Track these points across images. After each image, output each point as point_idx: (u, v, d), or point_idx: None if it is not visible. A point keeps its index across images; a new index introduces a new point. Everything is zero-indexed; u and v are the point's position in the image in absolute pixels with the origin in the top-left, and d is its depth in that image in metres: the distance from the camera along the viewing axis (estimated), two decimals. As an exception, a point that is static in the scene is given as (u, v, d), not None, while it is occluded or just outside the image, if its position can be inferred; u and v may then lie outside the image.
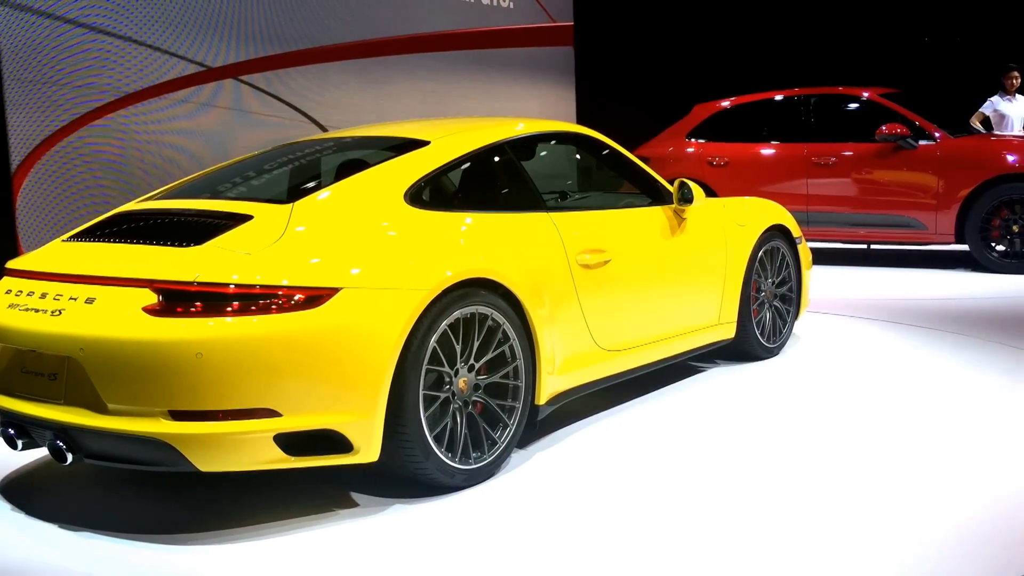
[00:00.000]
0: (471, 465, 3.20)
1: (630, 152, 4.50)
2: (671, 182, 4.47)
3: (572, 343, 3.66)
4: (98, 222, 3.50)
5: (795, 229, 5.20)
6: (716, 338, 4.62)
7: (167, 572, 2.67)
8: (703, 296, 4.50)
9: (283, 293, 2.80)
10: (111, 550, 2.80)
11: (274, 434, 2.77)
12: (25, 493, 3.34)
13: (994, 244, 7.77)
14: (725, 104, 9.22)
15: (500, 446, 3.32)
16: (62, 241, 3.42)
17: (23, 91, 6.50)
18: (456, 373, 3.18)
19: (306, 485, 3.25)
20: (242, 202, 3.31)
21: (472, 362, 3.24)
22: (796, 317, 5.22)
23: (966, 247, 7.96)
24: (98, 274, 2.96)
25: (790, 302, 5.15)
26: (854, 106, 8.62)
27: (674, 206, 4.38)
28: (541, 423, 3.63)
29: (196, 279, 2.78)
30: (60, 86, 6.70)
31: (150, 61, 7.24)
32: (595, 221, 4.00)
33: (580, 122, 7.35)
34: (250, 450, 2.77)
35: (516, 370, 3.37)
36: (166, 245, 3.01)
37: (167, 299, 2.77)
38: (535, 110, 10.61)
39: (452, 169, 3.69)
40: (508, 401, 3.37)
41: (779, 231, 5.04)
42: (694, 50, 13.09)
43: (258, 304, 2.76)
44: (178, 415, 2.72)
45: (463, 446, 3.18)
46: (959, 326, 5.63)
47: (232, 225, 3.05)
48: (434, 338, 3.05)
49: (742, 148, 8.93)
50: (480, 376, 3.28)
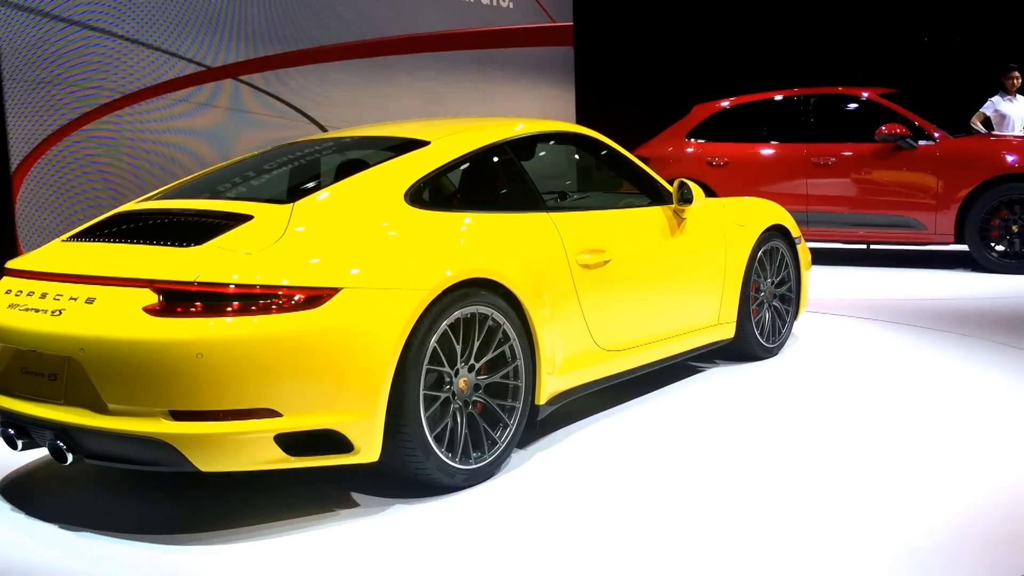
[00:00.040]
0: (471, 465, 3.20)
1: (630, 152, 4.50)
2: (671, 182, 4.47)
3: (572, 343, 3.66)
4: (98, 222, 3.50)
5: (794, 229, 5.20)
6: (715, 338, 4.63)
7: (167, 572, 2.67)
8: (702, 296, 4.51)
9: (283, 293, 2.80)
10: (111, 550, 2.80)
11: (274, 434, 2.77)
12: (25, 493, 3.34)
13: (993, 244, 7.77)
14: (725, 104, 9.22)
15: (500, 446, 3.32)
16: (62, 241, 3.42)
17: (23, 91, 6.49)
18: (456, 373, 3.18)
19: (307, 485, 3.25)
20: (242, 202, 3.31)
21: (472, 362, 3.24)
22: (795, 317, 5.22)
23: (965, 247, 7.97)
24: (98, 274, 2.95)
25: (789, 302, 5.15)
26: (854, 106, 8.63)
27: (674, 206, 4.39)
28: (541, 423, 3.63)
29: (196, 279, 2.78)
30: (60, 86, 6.69)
31: (150, 61, 7.24)
32: (595, 221, 4.00)
33: (580, 122, 7.35)
34: (250, 450, 2.77)
35: (516, 370, 3.37)
36: (166, 245, 3.01)
37: (167, 299, 2.77)
38: (535, 110, 10.61)
39: (452, 169, 3.69)
40: (508, 401, 3.37)
41: (778, 231, 5.04)
42: (694, 50, 13.09)
43: (258, 304, 2.77)
44: (178, 415, 2.72)
45: (463, 446, 3.18)
46: (958, 326, 5.64)
47: (232, 225, 3.05)
48: (434, 338, 3.05)
49: (742, 148, 8.93)
50: (480, 376, 3.28)
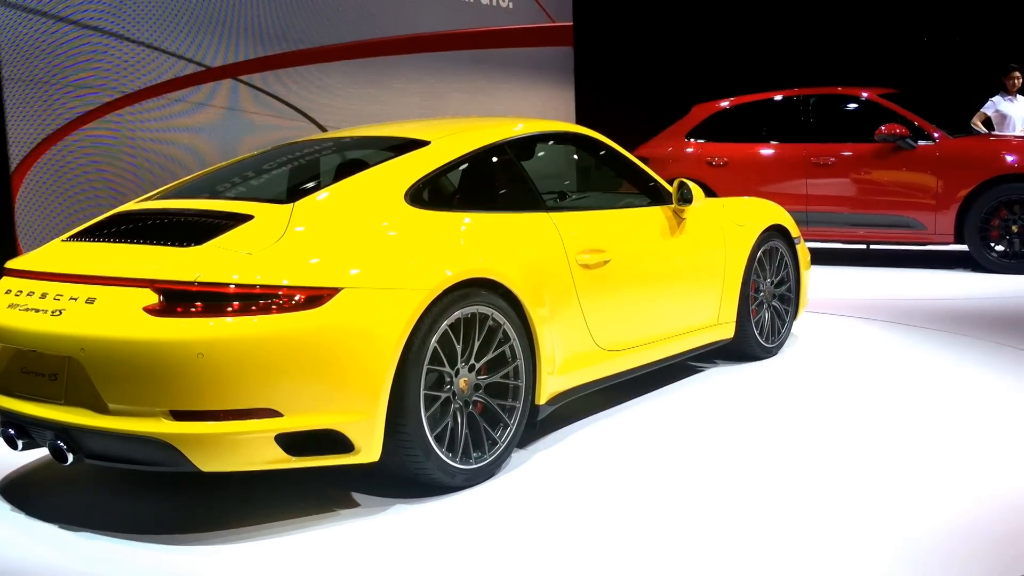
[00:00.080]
0: (472, 465, 3.20)
1: (629, 152, 4.51)
2: (670, 182, 4.47)
3: (572, 343, 3.66)
4: (98, 222, 3.49)
5: (794, 229, 5.21)
6: (715, 338, 4.63)
7: (167, 572, 2.67)
8: (702, 296, 4.51)
9: (284, 293, 2.80)
10: (111, 550, 2.80)
11: (275, 434, 2.77)
12: (25, 493, 3.34)
13: (993, 244, 7.77)
14: (724, 104, 9.22)
15: (500, 446, 3.32)
16: (62, 241, 3.42)
17: (22, 91, 6.49)
18: (457, 373, 3.18)
19: (307, 485, 3.25)
20: (242, 202, 3.31)
21: (473, 362, 3.24)
22: (795, 317, 5.22)
23: (965, 247, 7.97)
24: (98, 274, 2.95)
25: (789, 302, 5.15)
26: (853, 106, 8.63)
27: (673, 206, 4.39)
28: (541, 423, 3.63)
29: (197, 279, 2.77)
30: (59, 86, 6.69)
31: (150, 61, 7.24)
32: (595, 221, 4.00)
33: (579, 122, 7.36)
34: (251, 450, 2.77)
35: (516, 370, 3.37)
36: (166, 245, 3.01)
37: (168, 299, 2.77)
38: (534, 110, 10.61)
39: (452, 169, 3.69)
40: (508, 401, 3.37)
41: (778, 231, 5.04)
42: (693, 50, 13.09)
43: (259, 304, 2.76)
44: (179, 415, 2.72)
45: (464, 446, 3.18)
46: (958, 326, 5.64)
47: (232, 225, 3.05)
48: (435, 338, 3.05)
49: (741, 148, 8.93)
50: (480, 376, 3.28)
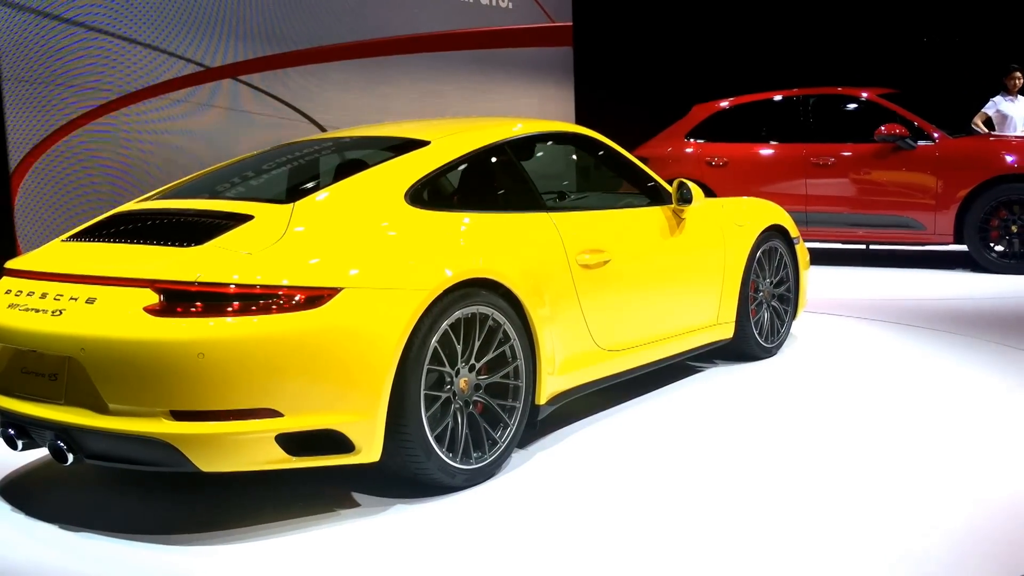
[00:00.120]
0: (472, 465, 3.20)
1: (629, 152, 4.51)
2: (670, 182, 4.47)
3: (572, 343, 3.66)
4: (98, 222, 3.49)
5: (793, 229, 5.21)
6: (715, 338, 4.63)
7: (167, 572, 2.67)
8: (702, 296, 4.51)
9: (284, 293, 2.79)
10: (111, 550, 2.80)
11: (276, 434, 2.77)
12: (25, 493, 3.34)
13: (993, 244, 7.78)
14: (724, 104, 9.23)
15: (501, 446, 3.32)
16: (61, 241, 3.42)
17: (22, 90, 6.49)
18: (457, 373, 3.18)
19: (307, 485, 3.25)
20: (243, 202, 3.30)
21: (473, 362, 3.24)
22: (794, 317, 5.22)
23: (965, 247, 7.98)
24: (99, 274, 2.95)
25: (788, 302, 5.15)
26: (853, 106, 8.63)
27: (673, 206, 4.39)
28: (541, 423, 3.63)
29: (197, 279, 2.77)
30: (59, 86, 6.69)
31: (149, 61, 7.24)
32: (595, 221, 4.00)
33: (579, 122, 7.35)
34: (252, 450, 2.77)
35: (516, 370, 3.37)
36: (167, 245, 3.01)
37: (168, 299, 2.77)
38: (534, 110, 10.61)
39: (452, 169, 3.69)
40: (509, 401, 3.37)
41: (777, 231, 5.05)
42: (693, 50, 13.10)
43: (259, 304, 2.76)
44: (179, 415, 2.71)
45: (464, 446, 3.18)
46: (957, 326, 5.64)
47: (233, 225, 3.05)
48: (435, 338, 3.05)
49: (741, 148, 8.93)
50: (481, 376, 3.28)
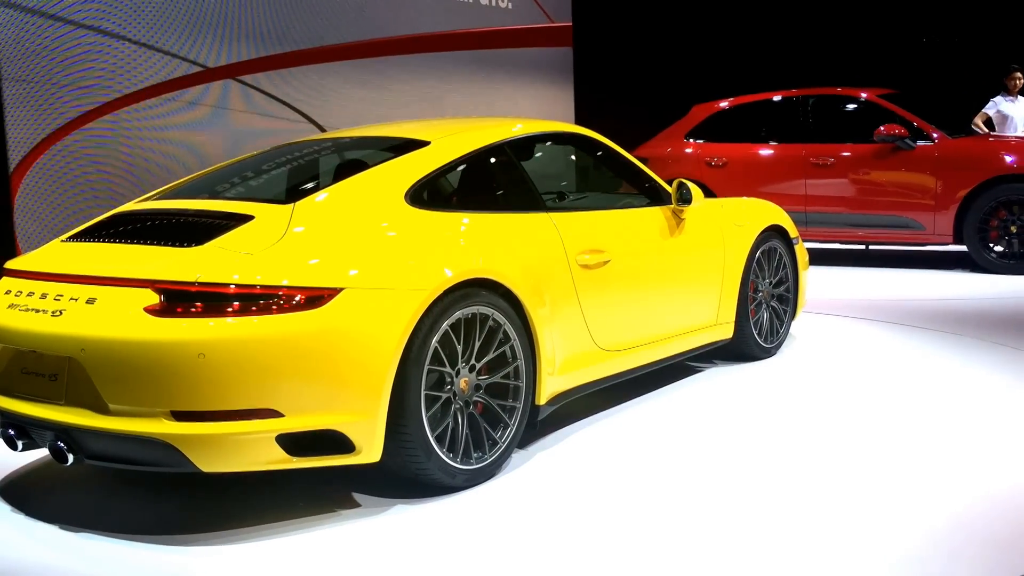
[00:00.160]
0: (472, 465, 3.20)
1: (629, 152, 4.51)
2: (669, 182, 4.47)
3: (572, 343, 3.67)
4: (97, 222, 3.49)
5: (792, 229, 5.21)
6: (714, 338, 4.63)
7: (167, 572, 2.67)
8: (701, 296, 4.51)
9: (284, 293, 2.79)
10: (111, 550, 2.80)
11: (276, 434, 2.77)
12: (25, 494, 3.34)
13: (992, 245, 7.78)
14: (723, 104, 9.23)
15: (501, 446, 3.32)
16: (61, 241, 3.41)
17: (21, 90, 6.49)
18: (457, 373, 3.18)
19: (308, 485, 3.25)
20: (243, 202, 3.30)
21: (473, 362, 3.24)
22: (793, 317, 5.23)
23: (964, 248, 7.98)
24: (99, 274, 2.95)
25: (787, 302, 5.15)
26: (852, 107, 8.63)
27: (672, 206, 4.39)
28: (541, 423, 3.63)
29: (197, 279, 2.77)
30: (58, 86, 6.69)
31: (148, 61, 7.24)
32: (594, 221, 4.00)
33: (578, 122, 7.36)
34: (252, 450, 2.77)
35: (517, 370, 3.37)
36: (167, 245, 3.01)
37: (168, 299, 2.77)
38: (533, 110, 10.62)
39: (452, 169, 3.69)
40: (509, 401, 3.37)
41: (776, 231, 5.05)
42: (693, 50, 13.10)
43: (259, 304, 2.76)
44: (180, 415, 2.71)
45: (464, 446, 3.18)
46: (957, 326, 5.65)
47: (233, 225, 3.05)
48: (436, 338, 3.05)
49: (740, 148, 8.93)
50: (481, 376, 3.28)
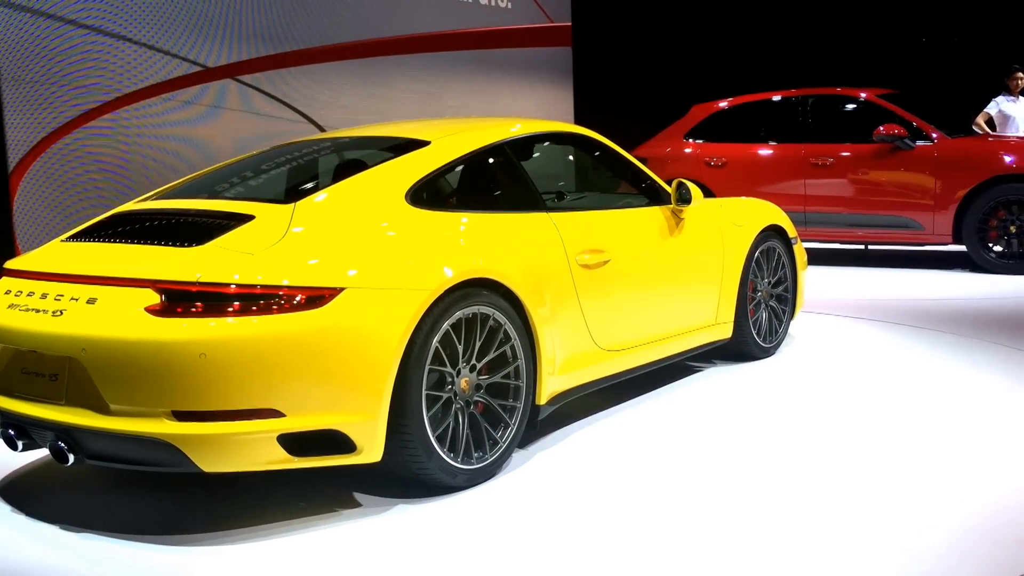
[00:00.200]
0: (473, 465, 3.20)
1: (628, 152, 4.51)
2: (669, 182, 4.48)
3: (572, 343, 3.67)
4: (97, 222, 3.49)
5: (791, 229, 5.21)
6: (713, 338, 4.63)
7: (167, 572, 2.66)
8: (700, 296, 4.51)
9: (285, 293, 2.79)
10: (111, 550, 2.80)
11: (277, 434, 2.77)
12: (25, 494, 3.33)
13: (991, 245, 7.78)
14: (723, 104, 9.23)
15: (501, 446, 3.32)
16: (61, 241, 3.41)
17: (21, 90, 6.49)
18: (458, 373, 3.18)
19: (308, 485, 3.25)
20: (243, 202, 3.30)
21: (474, 362, 3.24)
22: (792, 317, 5.23)
23: (963, 248, 7.98)
24: (99, 274, 2.95)
25: (786, 302, 5.16)
26: (852, 107, 8.63)
27: (672, 206, 4.39)
28: (541, 423, 3.63)
29: (198, 279, 2.77)
30: (57, 86, 6.69)
31: (148, 61, 7.24)
32: (594, 221, 4.00)
33: (578, 122, 7.36)
34: (254, 450, 2.77)
35: (517, 370, 3.38)
36: (167, 245, 3.01)
37: (169, 299, 2.77)
38: (533, 110, 10.62)
39: (452, 169, 3.69)
40: (509, 401, 3.37)
41: (775, 231, 5.05)
42: (692, 50, 13.10)
43: (260, 304, 2.76)
44: (181, 415, 2.71)
45: (465, 446, 3.18)
46: (956, 326, 5.65)
47: (234, 225, 3.05)
48: (436, 338, 3.05)
49: (740, 148, 8.93)
50: (482, 376, 3.28)
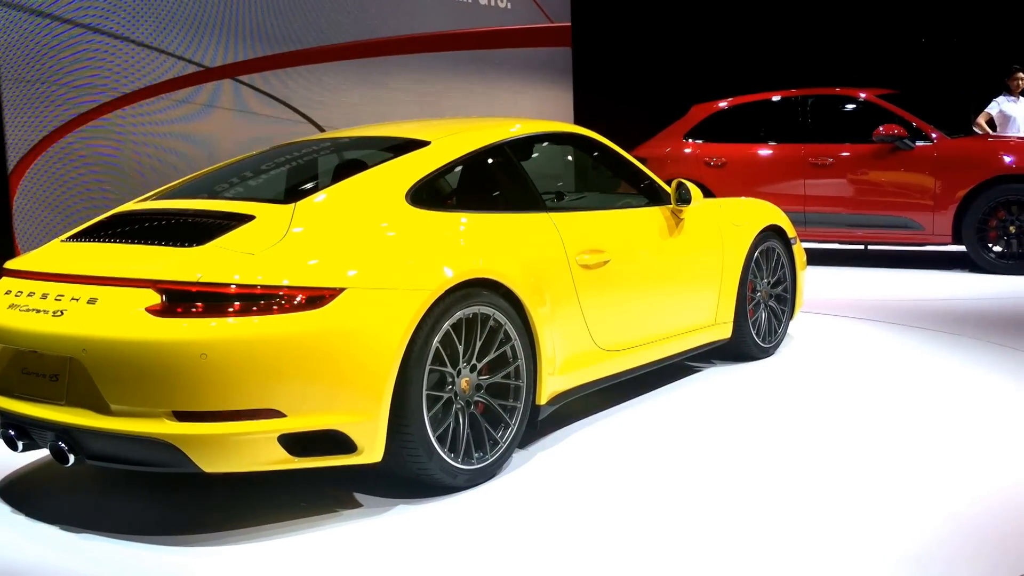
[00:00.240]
0: (473, 465, 3.20)
1: (628, 152, 4.51)
2: (668, 182, 4.48)
3: (572, 343, 3.67)
4: (97, 222, 3.48)
5: (790, 229, 5.22)
6: (713, 338, 4.63)
7: (167, 572, 2.66)
8: (700, 296, 4.52)
9: (285, 294, 2.79)
10: (111, 551, 2.80)
11: (278, 435, 2.77)
12: (25, 494, 3.33)
13: (991, 245, 7.78)
14: (723, 105, 9.23)
15: (502, 446, 3.32)
16: (61, 241, 3.41)
17: (20, 90, 6.49)
18: (458, 373, 3.18)
19: (309, 485, 3.25)
20: (243, 202, 3.30)
21: (474, 362, 3.24)
22: (791, 317, 5.23)
23: (963, 248, 7.98)
24: (100, 274, 2.95)
25: (785, 302, 5.16)
26: (851, 107, 8.63)
27: (671, 206, 4.39)
28: (542, 423, 3.63)
29: (198, 279, 2.77)
30: (57, 85, 6.69)
31: (147, 61, 7.24)
32: (594, 221, 4.00)
33: (578, 122, 7.36)
34: (254, 451, 2.77)
35: (517, 370, 3.38)
36: (168, 245, 3.01)
37: (170, 299, 2.77)
38: (533, 110, 10.62)
39: (452, 169, 3.69)
40: (510, 401, 3.37)
41: (774, 231, 5.05)
42: (692, 50, 13.10)
43: (260, 304, 2.76)
44: (182, 416, 2.71)
45: (465, 446, 3.18)
46: (955, 327, 5.65)
47: (234, 225, 3.04)
48: (437, 338, 3.05)
49: (739, 149, 8.93)
50: (482, 376, 3.28)
